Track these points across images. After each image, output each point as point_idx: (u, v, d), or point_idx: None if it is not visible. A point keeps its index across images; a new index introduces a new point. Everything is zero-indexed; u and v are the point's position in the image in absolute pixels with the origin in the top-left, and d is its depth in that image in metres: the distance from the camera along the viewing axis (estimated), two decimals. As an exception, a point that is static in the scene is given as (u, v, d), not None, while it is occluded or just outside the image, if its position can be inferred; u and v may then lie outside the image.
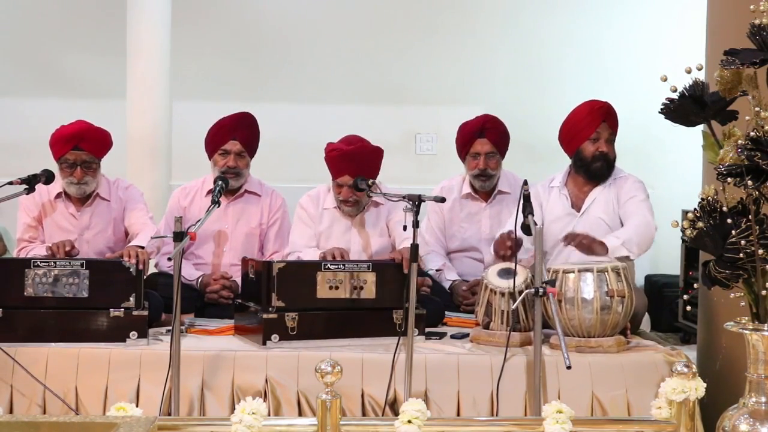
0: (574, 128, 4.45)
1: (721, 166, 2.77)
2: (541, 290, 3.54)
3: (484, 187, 4.99)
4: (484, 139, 4.87)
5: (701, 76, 2.88)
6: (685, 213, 2.96)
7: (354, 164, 4.49)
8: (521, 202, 3.78)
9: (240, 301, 4.26)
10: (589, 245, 4.06)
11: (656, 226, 4.27)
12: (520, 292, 3.79)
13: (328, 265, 4.02)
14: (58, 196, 4.55)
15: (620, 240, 4.10)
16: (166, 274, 4.54)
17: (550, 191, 4.53)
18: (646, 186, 4.46)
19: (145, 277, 4.13)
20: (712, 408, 3.31)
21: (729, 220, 2.78)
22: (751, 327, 2.81)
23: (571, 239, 4.10)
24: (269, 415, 3.38)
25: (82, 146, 4.45)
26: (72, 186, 4.49)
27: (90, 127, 4.53)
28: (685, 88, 2.87)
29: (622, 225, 4.32)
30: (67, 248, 4.16)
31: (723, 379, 3.78)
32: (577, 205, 4.46)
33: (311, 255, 4.51)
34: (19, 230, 4.58)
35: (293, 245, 4.69)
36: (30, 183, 4.19)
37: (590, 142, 4.39)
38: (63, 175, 4.47)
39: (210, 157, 4.77)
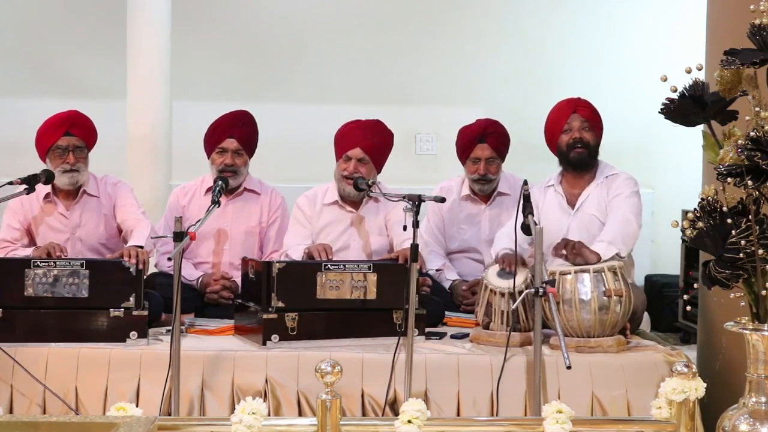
0: (551, 127, 4.50)
1: (721, 166, 2.77)
2: (540, 290, 3.54)
3: (484, 190, 4.99)
4: (484, 144, 4.87)
5: (701, 76, 2.88)
6: (685, 213, 2.96)
7: (369, 137, 4.52)
8: (521, 202, 3.78)
9: (240, 301, 4.26)
10: (579, 252, 4.02)
11: (640, 224, 4.27)
12: (520, 292, 3.79)
13: (329, 266, 4.01)
14: (47, 197, 4.54)
15: (605, 242, 4.11)
16: (165, 274, 4.53)
17: (546, 191, 4.54)
18: (638, 183, 4.43)
19: (145, 276, 4.13)
20: (712, 408, 3.31)
21: (729, 220, 2.77)
22: (751, 327, 2.81)
23: (560, 249, 4.07)
24: (269, 415, 3.38)
25: (73, 132, 4.46)
26: (64, 175, 4.45)
27: (79, 114, 4.55)
28: (685, 88, 2.86)
29: None
30: (58, 254, 4.15)
31: (723, 379, 3.78)
32: (571, 203, 4.47)
33: (298, 253, 4.50)
34: (2, 231, 4.57)
35: (285, 245, 4.68)
36: (30, 183, 4.18)
37: (564, 134, 4.43)
38: (54, 165, 4.44)
39: (208, 155, 4.76)
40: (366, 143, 4.53)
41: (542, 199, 4.51)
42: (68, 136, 4.45)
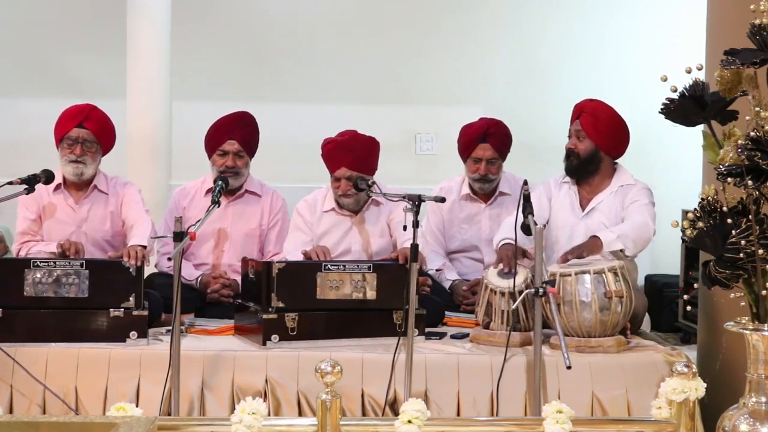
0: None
1: (721, 166, 2.77)
2: (541, 290, 3.54)
3: (484, 189, 4.99)
4: (486, 144, 4.87)
5: (701, 76, 2.89)
6: (685, 213, 2.96)
7: (350, 155, 4.50)
8: (521, 202, 3.78)
9: (240, 301, 4.26)
10: (581, 254, 4.03)
11: (655, 230, 4.27)
12: (520, 292, 3.79)
13: (328, 266, 4.02)
14: (57, 188, 4.54)
15: (615, 234, 4.11)
16: (165, 274, 4.53)
17: (561, 186, 4.54)
18: (652, 192, 4.44)
19: (145, 277, 4.13)
20: (712, 408, 3.31)
21: (729, 220, 2.78)
22: (751, 327, 2.81)
23: (566, 258, 4.07)
24: (269, 415, 3.38)
25: (86, 125, 4.47)
26: (69, 165, 4.46)
27: (96, 109, 4.56)
28: (685, 88, 2.87)
29: None
30: (81, 255, 4.17)
31: (723, 379, 3.78)
32: (582, 205, 4.47)
33: (296, 258, 4.49)
34: (20, 224, 4.57)
35: (284, 251, 4.67)
36: (30, 183, 4.18)
37: (568, 139, 4.47)
38: (62, 155, 4.48)
39: (209, 156, 4.76)
40: (347, 161, 4.50)
41: (556, 193, 4.52)
42: (80, 128, 4.47)
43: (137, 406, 2.94)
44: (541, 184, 4.54)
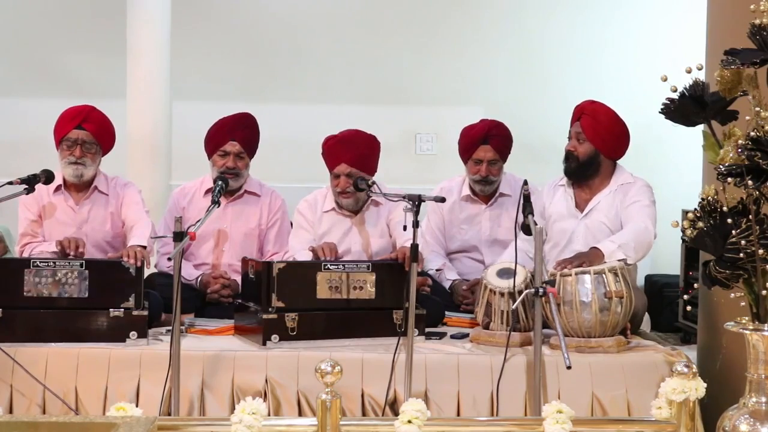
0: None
1: (721, 166, 2.77)
2: (541, 290, 3.53)
3: (485, 191, 4.99)
4: (487, 146, 4.86)
5: (701, 76, 2.88)
6: (685, 213, 2.96)
7: (350, 151, 4.50)
8: (521, 202, 3.77)
9: (240, 301, 4.26)
10: (581, 265, 3.98)
11: (656, 233, 4.23)
12: (520, 292, 3.79)
13: (328, 266, 4.02)
14: (57, 189, 4.54)
15: (616, 244, 4.06)
16: (165, 274, 4.53)
17: (555, 190, 4.52)
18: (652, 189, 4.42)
19: (144, 277, 4.13)
20: (712, 408, 3.31)
21: (729, 220, 2.77)
22: (751, 327, 2.81)
23: (563, 266, 4.00)
24: (269, 415, 3.38)
25: (85, 126, 4.47)
26: (69, 167, 4.46)
27: (95, 110, 4.56)
28: (685, 88, 2.87)
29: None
30: (80, 249, 4.17)
31: (723, 379, 3.78)
32: (580, 206, 4.45)
33: (304, 256, 4.50)
34: (21, 225, 4.57)
35: (292, 249, 4.68)
36: (30, 183, 4.18)
37: (568, 140, 4.44)
38: (62, 156, 4.48)
39: (209, 157, 4.77)
40: (348, 157, 4.50)
41: (551, 197, 4.50)
42: (79, 129, 4.46)
43: (137, 406, 2.94)
44: (535, 193, 4.49)
